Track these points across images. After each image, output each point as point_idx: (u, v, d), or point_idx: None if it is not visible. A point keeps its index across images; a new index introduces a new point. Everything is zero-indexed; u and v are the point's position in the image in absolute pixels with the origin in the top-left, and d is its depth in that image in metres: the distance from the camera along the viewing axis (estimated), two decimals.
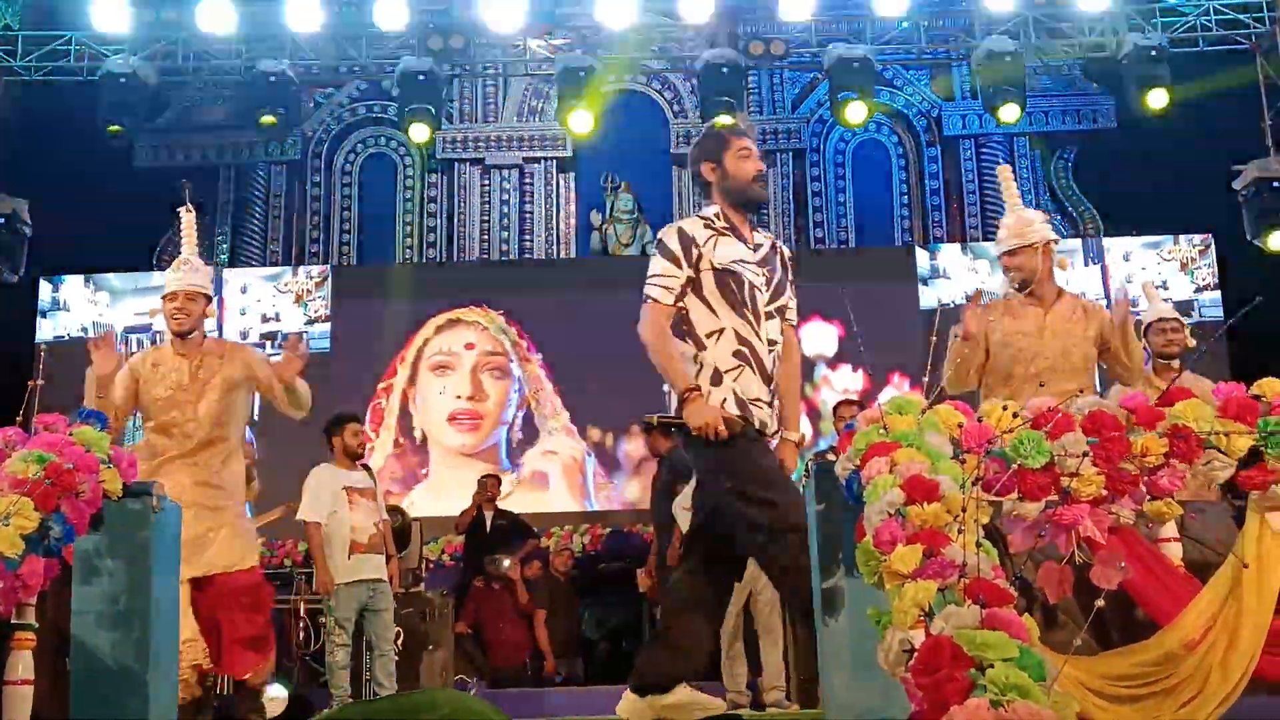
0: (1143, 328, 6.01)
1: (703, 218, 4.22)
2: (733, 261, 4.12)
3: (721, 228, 4.19)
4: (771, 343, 4.15)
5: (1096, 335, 5.06)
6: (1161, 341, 6.08)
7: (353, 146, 14.07)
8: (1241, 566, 2.96)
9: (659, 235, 4.25)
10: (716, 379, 4.03)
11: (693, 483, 7.80)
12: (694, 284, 4.12)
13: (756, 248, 4.23)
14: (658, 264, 4.14)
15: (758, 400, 4.05)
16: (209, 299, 5.46)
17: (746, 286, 4.11)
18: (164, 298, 5.38)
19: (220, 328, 12.55)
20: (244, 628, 5.17)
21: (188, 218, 5.72)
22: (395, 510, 8.68)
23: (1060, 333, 5.04)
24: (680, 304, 4.12)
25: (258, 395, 5.64)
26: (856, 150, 14.05)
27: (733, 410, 3.98)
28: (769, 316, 4.16)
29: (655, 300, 4.10)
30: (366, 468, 7.56)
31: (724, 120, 4.57)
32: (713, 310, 4.09)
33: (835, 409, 8.71)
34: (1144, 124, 11.87)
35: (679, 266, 4.11)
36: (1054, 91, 13.64)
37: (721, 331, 4.07)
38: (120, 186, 12.23)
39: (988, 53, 11.54)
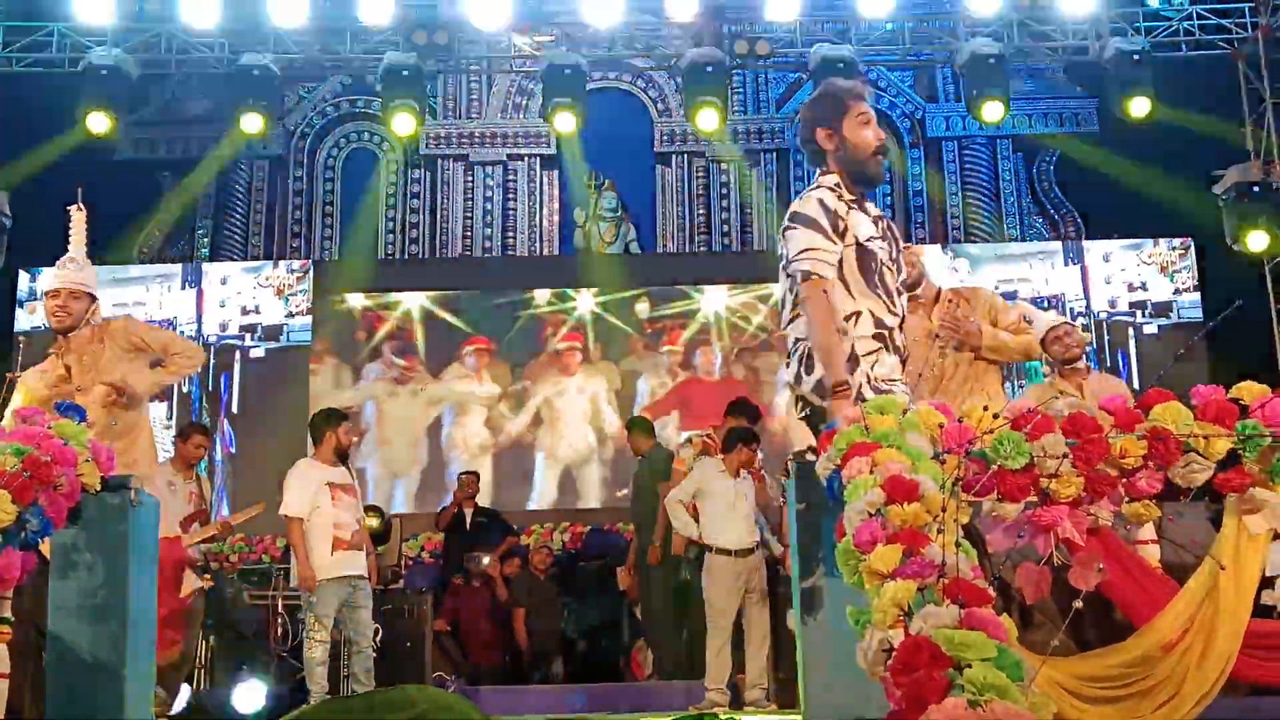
0: (1041, 341, 6.06)
1: (830, 188, 3.86)
2: (868, 238, 3.83)
3: (849, 200, 3.86)
4: (902, 321, 3.89)
5: None
6: (1060, 349, 6.17)
7: (336, 141, 14.03)
8: (1218, 569, 2.97)
9: (795, 208, 3.88)
10: (852, 364, 3.71)
11: (687, 478, 7.84)
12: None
13: (876, 220, 3.93)
14: (806, 237, 3.76)
15: (892, 381, 3.76)
16: (93, 298, 5.50)
17: (879, 263, 3.83)
18: (46, 294, 5.43)
19: (200, 320, 12.53)
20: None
21: (78, 216, 5.69)
22: (374, 509, 8.66)
23: None
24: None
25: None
26: None
27: (868, 397, 3.56)
28: (899, 293, 3.91)
29: (819, 276, 3.72)
30: (348, 465, 7.53)
31: (841, 81, 4.12)
32: (849, 291, 3.78)
33: None
34: (1126, 127, 11.91)
35: (829, 239, 3.76)
36: (1037, 94, 13.70)
37: (859, 314, 3.77)
38: (101, 178, 12.16)
39: (971, 55, 11.56)
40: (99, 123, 11.03)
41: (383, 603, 8.05)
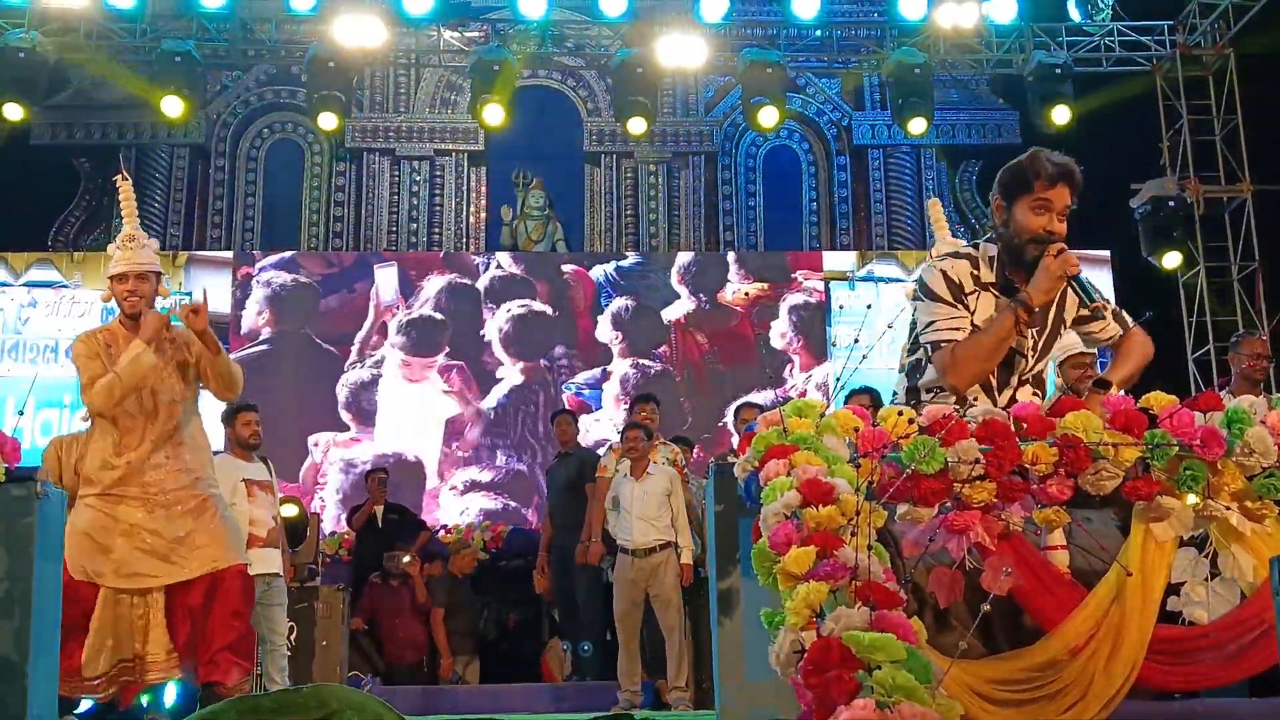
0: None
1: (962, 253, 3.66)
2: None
3: (986, 281, 3.58)
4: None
5: None
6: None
7: (259, 131, 13.82)
8: (1126, 575, 3.02)
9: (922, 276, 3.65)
10: None
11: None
12: None
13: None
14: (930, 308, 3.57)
15: None
16: (159, 275, 5.19)
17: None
18: (112, 279, 5.09)
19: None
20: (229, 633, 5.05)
21: (125, 187, 5.39)
22: (291, 502, 8.54)
23: None
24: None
25: None
26: (768, 155, 14.16)
27: None
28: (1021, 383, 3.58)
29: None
30: (265, 460, 7.42)
31: (1053, 154, 3.69)
32: None
33: (737, 411, 8.78)
34: (1047, 140, 12.11)
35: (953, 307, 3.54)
36: (961, 105, 13.87)
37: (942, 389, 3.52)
38: (16, 164, 11.90)
39: (898, 64, 11.71)
40: (13, 111, 10.79)
41: (299, 600, 7.95)
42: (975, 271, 3.58)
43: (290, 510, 8.18)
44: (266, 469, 7.29)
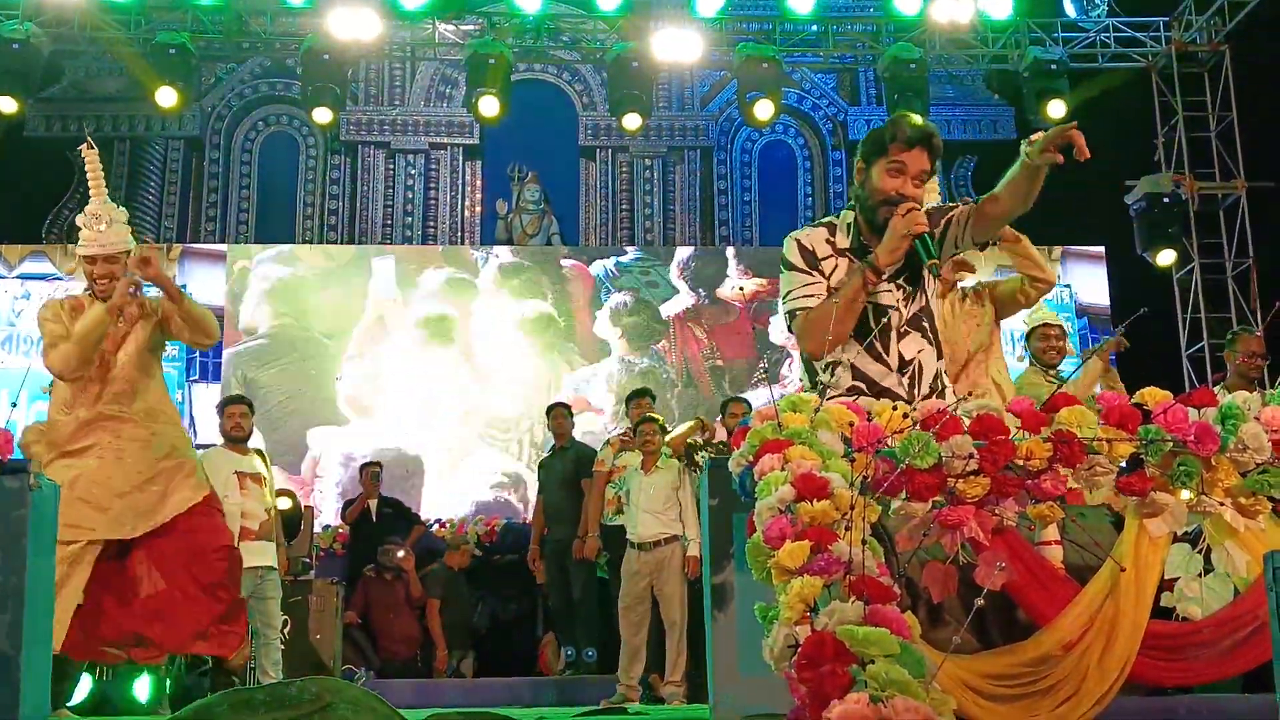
0: (1026, 331, 6.06)
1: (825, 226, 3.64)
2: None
3: (842, 247, 3.58)
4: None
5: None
6: (1044, 347, 6.11)
7: (254, 124, 13.80)
8: (1119, 570, 3.02)
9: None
10: None
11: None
12: None
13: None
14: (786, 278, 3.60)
15: None
16: (129, 252, 5.14)
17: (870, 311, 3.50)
18: (84, 258, 5.06)
19: None
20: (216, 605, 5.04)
21: (90, 156, 5.28)
22: (286, 495, 8.54)
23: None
24: None
25: None
26: (763, 150, 14.16)
27: None
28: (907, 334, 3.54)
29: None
30: (260, 453, 7.42)
31: (913, 117, 3.67)
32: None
33: (724, 405, 8.76)
34: None
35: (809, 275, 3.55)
36: (957, 101, 13.87)
37: (836, 365, 3.49)
38: (10, 156, 11.87)
39: (893, 59, 11.70)
40: (7, 103, 10.77)
41: (292, 593, 7.94)
42: (831, 239, 3.56)
43: (284, 504, 8.18)
44: (261, 462, 7.29)
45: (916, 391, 3.47)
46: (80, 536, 4.76)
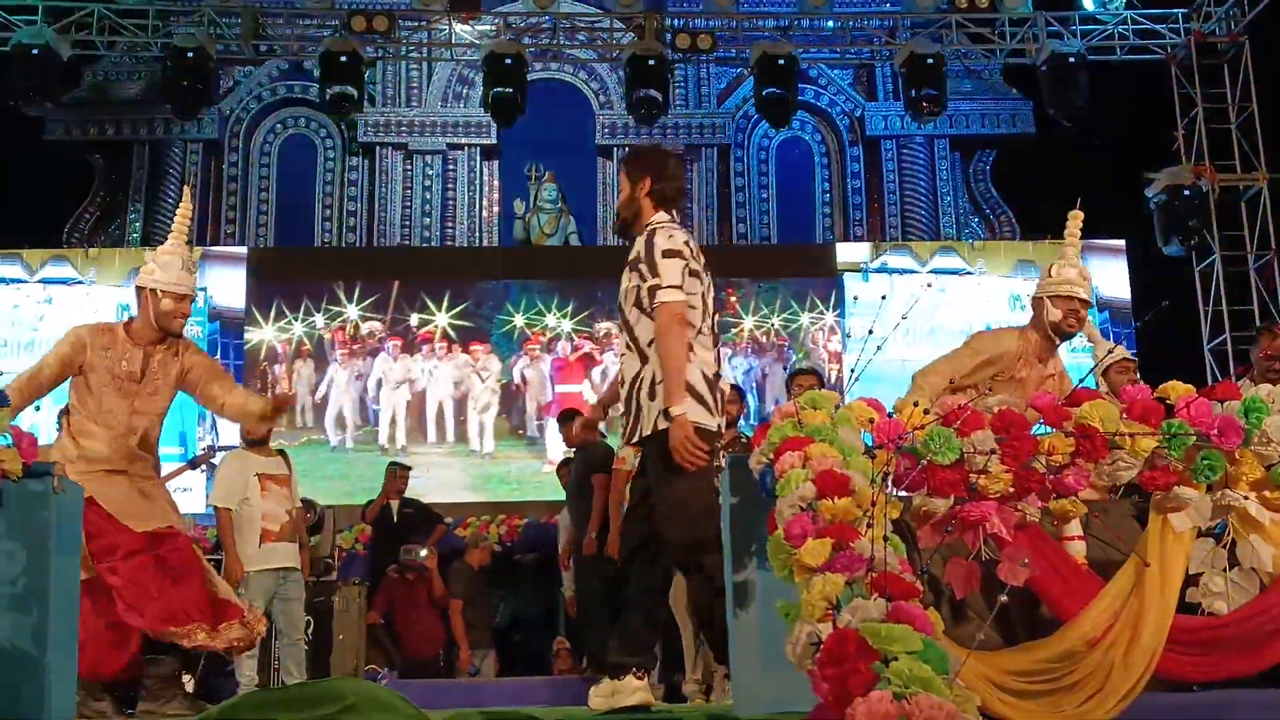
0: (1105, 371, 5.91)
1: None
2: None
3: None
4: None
5: None
6: (1122, 382, 5.83)
7: (272, 126, 13.86)
8: (1143, 565, 3.01)
9: (664, 243, 4.17)
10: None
11: None
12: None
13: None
14: (678, 271, 4.12)
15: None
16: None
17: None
18: (171, 296, 4.92)
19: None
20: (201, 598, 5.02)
21: (185, 201, 5.16)
22: (306, 502, 8.56)
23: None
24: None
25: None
26: (780, 147, 14.14)
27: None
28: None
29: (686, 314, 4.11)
30: (283, 454, 7.43)
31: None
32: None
33: (791, 377, 8.66)
34: (1061, 129, 12.09)
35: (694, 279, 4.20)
36: (975, 95, 13.82)
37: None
38: (30, 161, 11.95)
39: (911, 54, 11.68)
40: (27, 108, 10.86)
41: (315, 594, 7.97)
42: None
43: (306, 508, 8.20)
44: (285, 463, 7.30)
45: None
46: None
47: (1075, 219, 5.18)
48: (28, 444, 3.79)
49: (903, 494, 2.90)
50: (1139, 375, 6.13)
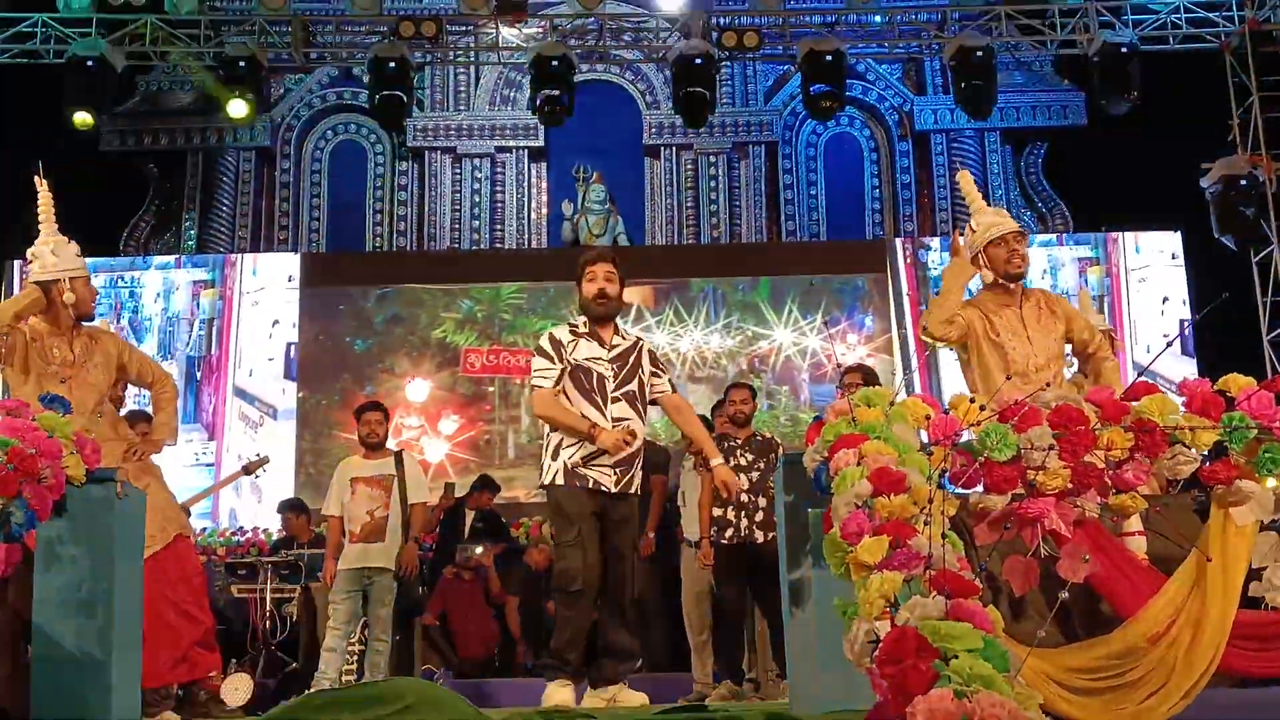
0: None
1: (570, 324, 5.33)
2: (587, 358, 5.14)
3: (583, 332, 5.24)
4: (618, 419, 5.08)
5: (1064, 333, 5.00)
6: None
7: (322, 133, 13.99)
8: (1205, 560, 2.97)
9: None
10: (553, 456, 5.08)
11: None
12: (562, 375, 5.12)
13: (613, 348, 5.21)
14: (537, 361, 5.19)
15: (591, 463, 5.03)
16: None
17: (595, 377, 5.11)
18: (75, 279, 5.13)
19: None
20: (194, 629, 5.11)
21: (44, 191, 5.35)
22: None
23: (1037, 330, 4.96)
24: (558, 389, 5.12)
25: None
26: (829, 143, 14.07)
27: (560, 479, 5.01)
28: (615, 400, 5.11)
29: (539, 387, 5.15)
30: (399, 455, 7.38)
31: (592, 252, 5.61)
32: (568, 397, 5.11)
33: (842, 376, 8.59)
34: (1114, 120, 11.94)
35: (552, 362, 5.14)
36: (1026, 87, 13.69)
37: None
38: (85, 171, 12.12)
39: (959, 48, 11.58)
40: (82, 118, 11.01)
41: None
42: (574, 328, 5.27)
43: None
44: (394, 464, 7.23)
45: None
46: None
47: (964, 178, 5.54)
48: (90, 450, 3.84)
49: (959, 491, 2.88)
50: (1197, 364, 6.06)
